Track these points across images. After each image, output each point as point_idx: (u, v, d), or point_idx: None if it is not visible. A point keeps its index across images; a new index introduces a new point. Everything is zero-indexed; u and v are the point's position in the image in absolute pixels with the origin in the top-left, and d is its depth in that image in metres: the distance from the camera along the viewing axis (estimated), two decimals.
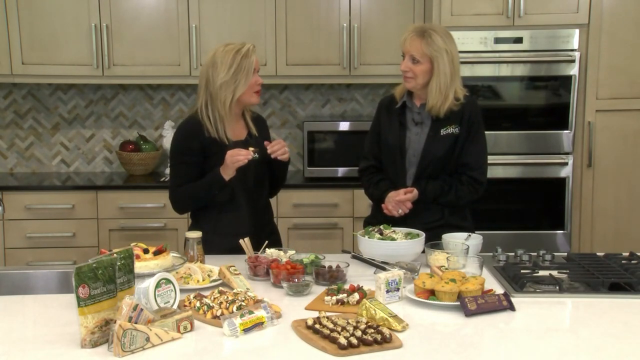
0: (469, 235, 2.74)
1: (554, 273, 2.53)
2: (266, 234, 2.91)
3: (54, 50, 4.43)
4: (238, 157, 2.75)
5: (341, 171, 4.48)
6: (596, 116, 4.20)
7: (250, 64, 2.82)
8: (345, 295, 2.25)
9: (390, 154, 2.99)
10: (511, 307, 2.21)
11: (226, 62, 2.80)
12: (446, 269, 2.44)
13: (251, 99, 2.88)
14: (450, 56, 2.84)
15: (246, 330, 2.01)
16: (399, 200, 2.86)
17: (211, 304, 2.15)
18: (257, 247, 2.71)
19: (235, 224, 2.89)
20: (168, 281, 2.15)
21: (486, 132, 3.00)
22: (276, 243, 2.93)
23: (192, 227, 2.95)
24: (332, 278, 2.45)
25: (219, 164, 2.81)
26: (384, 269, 2.50)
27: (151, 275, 2.17)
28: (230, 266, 2.46)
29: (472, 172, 2.92)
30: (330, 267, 2.50)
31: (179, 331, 2.01)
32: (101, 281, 1.94)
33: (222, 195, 2.86)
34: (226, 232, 2.87)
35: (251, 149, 2.79)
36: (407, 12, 4.44)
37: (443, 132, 2.89)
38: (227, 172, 2.79)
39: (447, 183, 2.91)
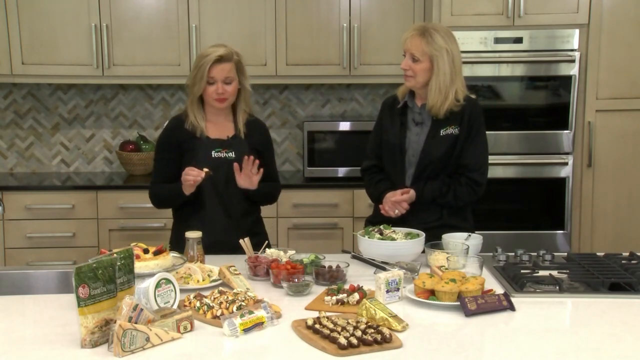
0: (469, 235, 2.74)
1: (554, 273, 2.53)
2: (245, 233, 2.77)
3: (54, 50, 4.43)
4: (187, 177, 2.79)
5: (341, 171, 4.48)
6: (596, 116, 4.20)
7: (203, 74, 2.85)
8: (345, 295, 2.25)
9: (391, 154, 2.99)
10: (511, 307, 2.21)
11: (194, 64, 2.91)
12: (446, 269, 2.44)
13: (212, 104, 2.92)
14: (451, 56, 2.84)
15: (246, 330, 2.01)
16: (395, 200, 2.86)
17: (211, 304, 2.15)
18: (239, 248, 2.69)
19: (205, 223, 2.86)
20: (168, 281, 2.15)
21: (486, 132, 3.00)
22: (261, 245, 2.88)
23: (172, 226, 3.05)
24: (332, 278, 2.45)
25: (191, 161, 2.87)
26: (384, 269, 2.50)
27: (151, 275, 2.17)
28: (230, 266, 2.46)
29: (471, 174, 2.91)
30: (330, 267, 2.50)
31: (179, 331, 2.01)
32: (101, 281, 1.94)
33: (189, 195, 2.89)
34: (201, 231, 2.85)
35: (205, 169, 2.80)
36: (407, 12, 4.44)
37: (442, 132, 2.89)
38: (186, 187, 2.84)
39: (445, 184, 2.90)
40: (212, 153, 2.91)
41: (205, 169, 2.80)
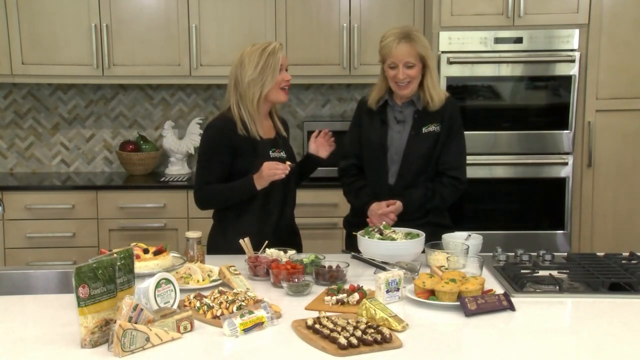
0: (469, 235, 2.75)
1: (554, 273, 2.53)
2: (288, 235, 2.90)
3: (54, 50, 4.43)
4: (275, 172, 2.75)
5: None
6: (596, 116, 4.20)
7: (277, 61, 2.86)
8: (345, 295, 2.25)
9: (372, 153, 3.00)
10: (511, 307, 2.21)
11: (253, 61, 2.84)
12: (446, 269, 2.44)
13: (278, 96, 2.90)
14: (431, 49, 2.95)
15: (246, 330, 2.01)
16: (382, 213, 2.87)
17: (211, 304, 2.15)
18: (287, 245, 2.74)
19: (260, 221, 2.89)
20: (168, 281, 2.15)
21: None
22: (298, 246, 2.92)
23: (213, 226, 2.99)
24: (332, 278, 2.45)
25: (249, 162, 2.83)
26: (384, 269, 2.50)
27: (151, 275, 2.17)
28: (230, 266, 2.46)
29: (452, 172, 2.94)
30: (330, 267, 2.50)
31: (179, 331, 2.01)
32: (101, 281, 1.94)
33: None
34: (247, 233, 2.84)
35: (288, 163, 2.80)
36: (407, 12, 4.44)
37: (425, 130, 2.93)
38: (261, 183, 2.80)
39: (429, 189, 2.92)
40: (270, 153, 2.89)
41: (289, 163, 2.80)
